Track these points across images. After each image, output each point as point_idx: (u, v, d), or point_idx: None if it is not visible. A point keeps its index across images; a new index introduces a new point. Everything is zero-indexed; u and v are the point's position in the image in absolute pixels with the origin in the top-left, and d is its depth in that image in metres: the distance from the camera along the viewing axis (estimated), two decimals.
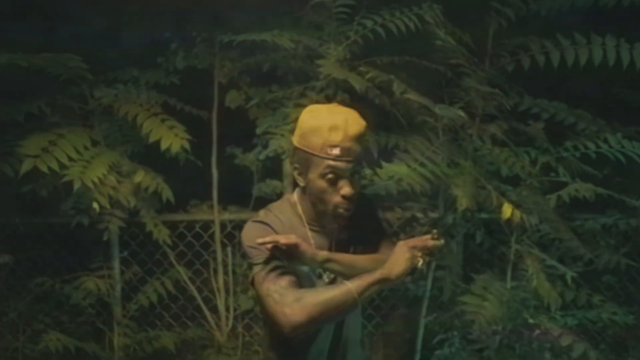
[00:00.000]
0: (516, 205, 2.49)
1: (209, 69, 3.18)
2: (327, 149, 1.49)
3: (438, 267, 2.89)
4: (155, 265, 3.15)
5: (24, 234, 3.02)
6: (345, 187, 1.51)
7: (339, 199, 1.52)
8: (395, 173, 2.44)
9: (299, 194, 1.62)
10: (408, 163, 2.47)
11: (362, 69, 2.57)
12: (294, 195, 1.65)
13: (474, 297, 2.53)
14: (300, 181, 1.58)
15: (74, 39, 3.03)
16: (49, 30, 3.03)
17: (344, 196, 1.51)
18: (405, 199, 2.84)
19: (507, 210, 2.36)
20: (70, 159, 2.64)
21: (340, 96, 2.72)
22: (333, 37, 2.70)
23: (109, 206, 2.80)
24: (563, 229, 2.64)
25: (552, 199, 2.62)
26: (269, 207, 1.65)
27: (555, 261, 2.65)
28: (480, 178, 2.62)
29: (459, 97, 2.72)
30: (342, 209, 1.53)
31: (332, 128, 1.49)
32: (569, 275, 2.51)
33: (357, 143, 1.51)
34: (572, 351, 2.41)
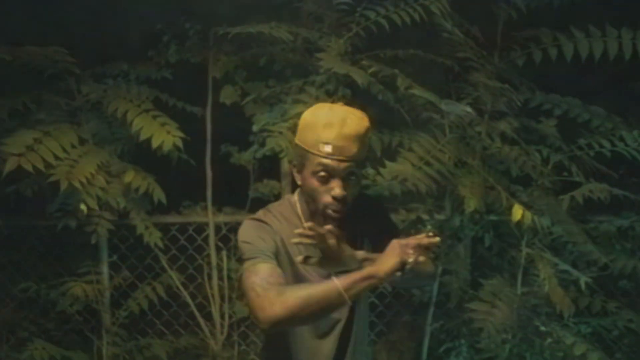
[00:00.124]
0: (527, 206, 2.52)
1: (203, 62, 3.20)
2: (319, 145, 1.51)
3: (445, 272, 2.98)
4: (146, 270, 3.16)
5: (8, 237, 3.04)
6: (337, 188, 1.52)
7: (329, 200, 1.54)
8: (399, 173, 2.47)
9: (299, 194, 1.66)
10: (413, 162, 2.50)
11: (364, 62, 2.60)
12: (295, 196, 1.68)
13: (482, 304, 2.56)
14: (298, 179, 1.61)
15: (59, 29, 3.07)
16: (32, 18, 3.07)
17: (334, 197, 1.52)
18: (410, 200, 2.87)
19: (517, 212, 2.38)
20: (57, 157, 2.66)
21: (342, 92, 2.79)
22: (334, 29, 2.76)
23: (97, 207, 2.82)
24: (576, 231, 2.65)
25: (565, 200, 2.67)
26: (268, 207, 1.69)
27: (569, 266, 2.68)
28: (489, 178, 2.65)
29: (466, 92, 2.76)
30: (332, 210, 1.54)
31: (326, 125, 1.51)
32: (583, 280, 2.52)
33: (353, 143, 1.52)
34: None
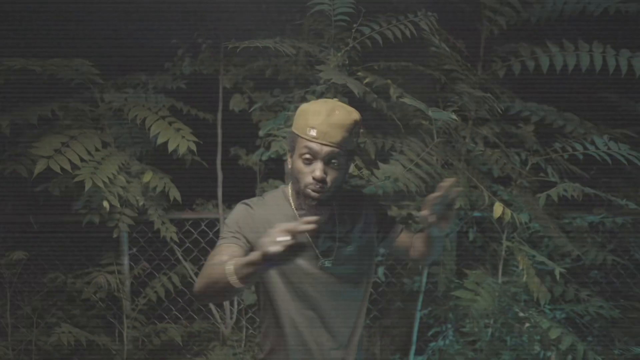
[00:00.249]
0: (507, 204, 2.50)
1: (214, 73, 3.18)
2: (306, 129, 1.53)
3: (433, 263, 2.90)
4: (162, 261, 3.13)
5: (37, 232, 2.96)
6: (317, 170, 1.53)
7: (310, 180, 1.55)
8: (391, 173, 2.46)
9: (290, 181, 1.67)
10: (404, 164, 2.48)
11: (360, 74, 2.56)
12: (288, 186, 1.71)
13: (467, 292, 2.54)
14: (289, 163, 1.61)
15: (85, 44, 2.99)
16: (60, 34, 2.97)
17: (314, 177, 1.54)
18: (402, 198, 2.83)
19: (498, 209, 2.34)
20: (82, 159, 2.63)
21: (340, 100, 2.66)
22: (332, 43, 2.68)
23: (118, 205, 2.78)
24: (552, 226, 2.65)
25: (542, 198, 2.61)
26: (263, 194, 1.73)
27: (545, 257, 2.63)
28: (472, 178, 2.63)
29: (452, 101, 2.72)
30: (311, 189, 1.55)
31: (315, 112, 1.54)
32: (558, 270, 2.50)
33: (337, 130, 1.52)
34: (560, 343, 2.41)
